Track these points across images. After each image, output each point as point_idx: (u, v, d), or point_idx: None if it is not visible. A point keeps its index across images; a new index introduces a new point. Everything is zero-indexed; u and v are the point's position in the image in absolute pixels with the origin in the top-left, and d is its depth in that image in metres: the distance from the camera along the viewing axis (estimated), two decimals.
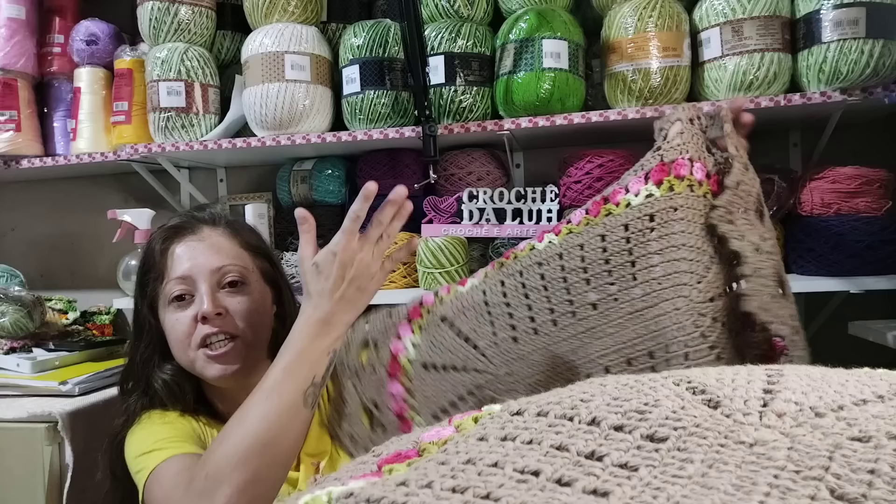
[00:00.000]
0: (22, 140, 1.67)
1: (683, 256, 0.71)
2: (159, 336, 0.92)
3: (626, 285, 0.75)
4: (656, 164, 0.76)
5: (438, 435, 0.41)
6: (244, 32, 1.51)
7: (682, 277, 0.71)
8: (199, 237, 0.94)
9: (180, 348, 0.90)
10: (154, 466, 0.81)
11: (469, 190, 1.43)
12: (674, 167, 0.75)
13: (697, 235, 0.73)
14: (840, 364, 0.46)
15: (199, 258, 0.91)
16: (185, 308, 0.89)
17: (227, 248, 0.94)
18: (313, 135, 1.44)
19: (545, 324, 0.80)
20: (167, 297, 0.90)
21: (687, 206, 0.73)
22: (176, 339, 0.90)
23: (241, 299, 0.91)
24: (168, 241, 0.93)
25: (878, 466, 0.30)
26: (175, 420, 0.90)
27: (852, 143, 1.43)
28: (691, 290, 0.70)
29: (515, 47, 1.35)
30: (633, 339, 0.73)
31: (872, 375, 0.42)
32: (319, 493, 0.33)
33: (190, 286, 0.89)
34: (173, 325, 0.90)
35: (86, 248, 1.93)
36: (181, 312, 0.89)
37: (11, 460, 1.10)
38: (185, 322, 0.88)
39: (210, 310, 0.87)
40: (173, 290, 0.89)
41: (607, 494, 0.29)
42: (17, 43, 1.65)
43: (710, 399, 0.38)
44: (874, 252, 1.22)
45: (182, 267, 0.90)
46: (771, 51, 1.25)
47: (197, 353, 0.88)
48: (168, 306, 0.90)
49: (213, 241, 0.94)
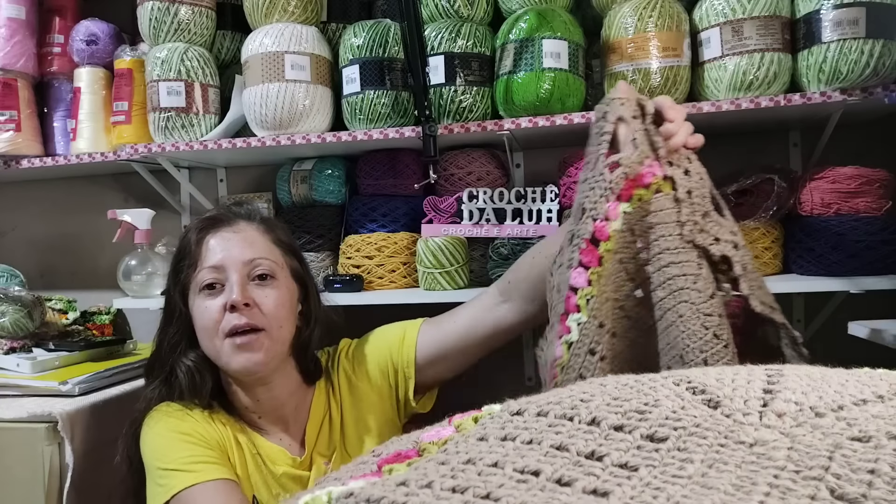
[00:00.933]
0: (22, 140, 1.67)
1: (672, 260, 0.71)
2: (188, 323, 0.96)
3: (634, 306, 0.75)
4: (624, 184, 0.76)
5: (438, 435, 0.41)
6: (244, 32, 1.51)
7: (678, 282, 0.71)
8: (234, 229, 0.97)
9: (207, 335, 0.93)
10: (179, 489, 0.84)
11: (469, 190, 1.43)
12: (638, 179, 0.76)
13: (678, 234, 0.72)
14: (840, 364, 0.46)
15: (233, 249, 0.95)
16: (215, 296, 0.93)
17: (259, 243, 0.98)
18: (313, 135, 1.44)
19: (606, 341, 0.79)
20: (199, 284, 0.94)
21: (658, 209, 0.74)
22: (203, 327, 0.93)
23: (269, 293, 0.95)
24: (204, 231, 0.97)
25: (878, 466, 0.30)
26: (192, 431, 0.91)
27: (852, 143, 1.43)
28: (691, 292, 0.70)
29: (515, 47, 1.35)
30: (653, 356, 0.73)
31: (872, 375, 0.42)
32: (319, 493, 0.33)
33: (221, 275, 0.93)
34: (202, 313, 0.93)
35: (86, 248, 1.93)
36: (211, 300, 0.93)
37: (11, 460, 1.10)
38: (214, 310, 0.92)
39: (239, 299, 0.90)
40: (205, 279, 0.93)
41: (607, 494, 0.29)
42: (17, 43, 1.65)
43: (710, 399, 0.38)
44: (874, 252, 1.22)
45: (215, 257, 0.94)
46: (771, 51, 1.25)
47: (223, 341, 0.91)
48: (199, 294, 0.94)
49: (247, 234, 0.98)
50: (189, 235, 0.98)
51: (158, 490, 0.86)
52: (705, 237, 0.75)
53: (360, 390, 1.05)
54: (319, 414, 1.04)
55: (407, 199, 1.52)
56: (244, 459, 0.95)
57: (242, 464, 0.95)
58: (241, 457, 0.95)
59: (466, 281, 1.40)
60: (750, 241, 1.32)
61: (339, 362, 1.08)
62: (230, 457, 0.93)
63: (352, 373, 1.07)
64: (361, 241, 1.46)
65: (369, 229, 1.49)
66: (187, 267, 0.95)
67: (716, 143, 1.52)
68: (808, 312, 1.47)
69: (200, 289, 0.93)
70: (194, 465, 0.86)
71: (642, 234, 0.75)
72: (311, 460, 1.00)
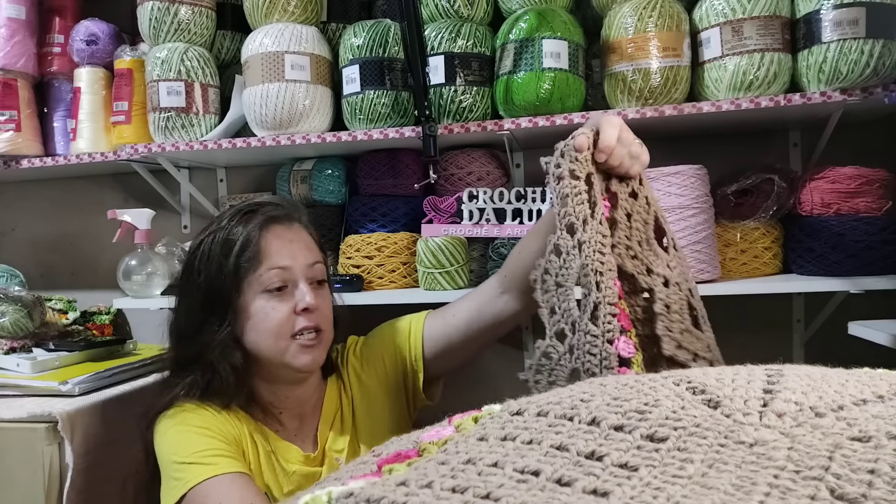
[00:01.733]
0: (22, 140, 1.67)
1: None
2: (236, 317, 0.94)
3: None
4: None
5: (438, 435, 0.41)
6: (244, 32, 1.51)
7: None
8: (293, 230, 0.98)
9: (272, 336, 0.93)
10: (195, 483, 0.83)
11: (469, 190, 1.43)
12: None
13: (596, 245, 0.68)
14: (840, 364, 0.46)
15: (298, 253, 0.96)
16: (282, 298, 0.93)
17: (313, 246, 1.00)
18: (313, 135, 1.44)
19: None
20: (265, 285, 0.93)
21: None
22: (269, 328, 0.93)
23: (325, 295, 0.98)
24: (265, 227, 0.96)
25: (878, 466, 0.30)
26: (210, 425, 0.91)
27: (852, 143, 1.43)
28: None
29: (515, 47, 1.35)
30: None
31: (872, 375, 0.42)
32: (319, 493, 0.33)
33: (289, 278, 0.94)
34: (268, 314, 0.93)
35: (86, 248, 1.93)
36: (276, 302, 0.93)
37: (11, 460, 1.10)
38: (284, 312, 0.93)
39: (314, 303, 0.93)
40: (273, 281, 0.93)
41: (607, 494, 0.29)
42: (17, 43, 1.65)
43: (710, 399, 0.38)
44: (874, 252, 1.22)
45: (283, 259, 0.94)
46: (771, 51, 1.25)
47: (290, 342, 0.93)
48: (262, 294, 0.93)
49: (303, 235, 0.99)
50: (248, 229, 0.95)
51: (174, 484, 0.86)
52: (636, 264, 0.73)
53: (370, 386, 1.07)
54: (332, 410, 1.05)
55: (407, 199, 1.52)
56: (258, 457, 0.96)
57: (256, 461, 0.95)
58: (255, 454, 0.95)
59: (466, 281, 1.40)
60: (750, 241, 1.32)
61: (347, 359, 1.10)
62: (245, 452, 0.93)
63: (360, 370, 1.08)
64: (361, 241, 1.46)
65: (369, 229, 1.49)
66: (246, 261, 0.93)
67: (716, 143, 1.53)
68: (808, 312, 1.47)
69: (266, 289, 0.93)
70: (211, 458, 0.86)
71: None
72: (323, 455, 1.01)
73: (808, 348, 1.49)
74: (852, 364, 0.45)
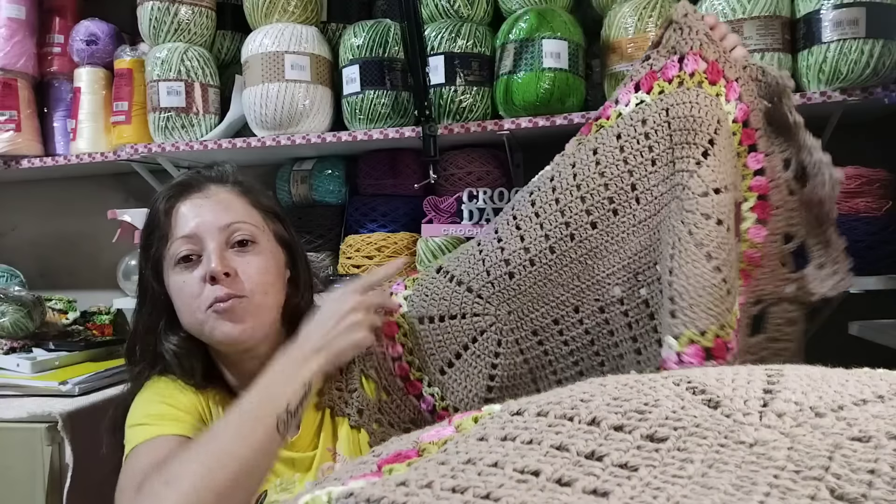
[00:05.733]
0: (22, 140, 1.67)
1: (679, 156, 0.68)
2: (164, 301, 0.87)
3: (625, 196, 0.72)
4: (646, 73, 0.73)
5: (438, 435, 0.41)
6: (244, 32, 1.51)
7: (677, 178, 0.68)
8: (206, 194, 0.88)
9: (188, 311, 0.85)
10: (137, 443, 0.78)
11: (469, 190, 1.43)
12: (663, 71, 0.73)
13: (689, 129, 0.68)
14: (840, 364, 0.46)
15: (206, 216, 0.85)
16: (192, 269, 0.84)
17: (236, 206, 0.88)
18: (313, 135, 1.44)
19: (541, 253, 0.78)
20: (173, 258, 0.84)
21: (677, 102, 0.70)
22: (183, 303, 0.85)
23: (250, 259, 0.86)
24: (173, 199, 0.87)
25: (878, 466, 0.30)
26: (170, 394, 0.86)
27: (852, 143, 1.43)
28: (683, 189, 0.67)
29: (515, 47, 1.35)
30: (638, 252, 0.71)
31: (872, 375, 0.42)
32: (319, 493, 0.33)
33: (197, 245, 0.84)
34: (180, 288, 0.85)
35: (86, 248, 1.93)
36: (188, 273, 0.84)
37: (11, 460, 1.10)
38: (193, 283, 0.83)
39: (219, 269, 0.82)
40: (179, 251, 0.84)
41: (607, 494, 0.29)
42: (17, 43, 1.65)
43: (710, 399, 0.38)
44: (874, 252, 1.22)
45: (188, 226, 0.85)
46: (771, 51, 1.25)
47: (206, 314, 0.83)
48: (174, 268, 0.85)
49: (220, 197, 0.88)
50: (157, 206, 0.88)
51: (126, 447, 0.81)
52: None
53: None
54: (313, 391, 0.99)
55: (407, 199, 1.52)
56: None
57: None
58: None
59: None
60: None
61: None
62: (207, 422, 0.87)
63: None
64: (361, 241, 1.46)
65: (369, 229, 1.49)
66: (157, 240, 0.86)
67: None
68: (809, 312, 1.47)
69: (175, 262, 0.84)
70: (157, 420, 0.81)
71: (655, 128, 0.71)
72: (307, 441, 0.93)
73: (808, 348, 1.48)
74: (852, 364, 0.45)
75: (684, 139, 0.69)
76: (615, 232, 0.73)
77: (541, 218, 0.78)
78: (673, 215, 0.67)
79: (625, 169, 0.72)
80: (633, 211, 0.72)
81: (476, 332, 0.83)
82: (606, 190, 0.73)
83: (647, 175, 0.71)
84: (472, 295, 0.82)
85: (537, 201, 0.79)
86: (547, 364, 0.81)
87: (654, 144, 0.71)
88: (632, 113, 0.72)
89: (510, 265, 0.80)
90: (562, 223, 0.76)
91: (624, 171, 0.72)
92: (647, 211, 0.71)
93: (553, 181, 0.78)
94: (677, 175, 0.69)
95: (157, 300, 0.88)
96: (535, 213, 0.79)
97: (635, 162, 0.71)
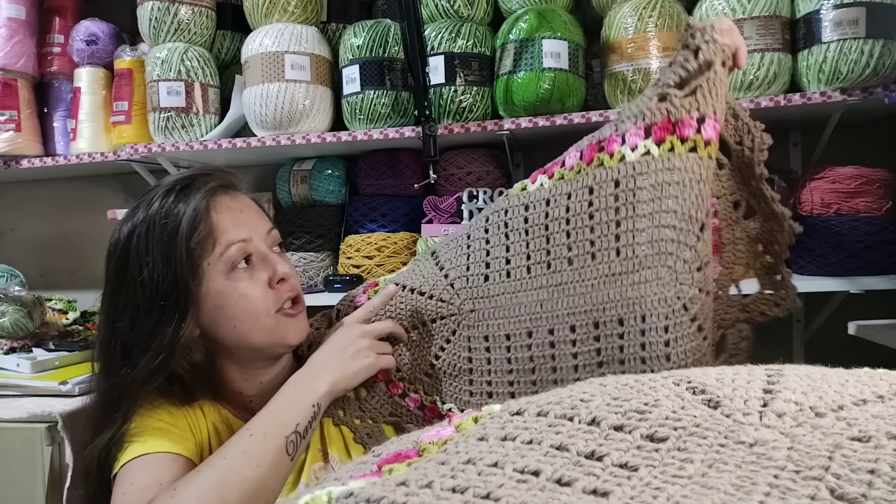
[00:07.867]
0: (22, 140, 1.67)
1: (673, 224, 0.67)
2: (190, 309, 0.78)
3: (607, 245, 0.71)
4: (661, 120, 0.69)
5: (438, 435, 0.41)
6: (244, 32, 1.51)
7: (669, 246, 0.67)
8: (239, 199, 0.85)
9: (252, 317, 0.80)
10: (126, 461, 0.75)
11: (469, 190, 1.43)
12: (679, 126, 0.69)
13: (692, 202, 0.67)
14: (840, 364, 0.46)
15: (252, 221, 0.83)
16: (252, 274, 0.81)
17: (261, 212, 0.89)
18: (313, 135, 1.44)
19: (519, 269, 0.78)
20: (227, 262, 0.79)
21: (686, 169, 0.68)
22: (248, 309, 0.80)
23: (286, 262, 0.86)
24: (211, 199, 0.81)
25: (878, 466, 0.30)
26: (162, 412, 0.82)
27: (852, 143, 1.43)
28: (676, 260, 0.67)
29: (515, 47, 1.35)
30: (605, 303, 0.71)
31: (872, 375, 0.42)
32: (319, 493, 0.33)
33: (252, 250, 0.81)
34: (243, 294, 0.79)
35: (86, 248, 1.93)
36: (249, 280, 0.80)
37: (11, 460, 1.10)
38: (259, 288, 0.80)
39: (289, 270, 0.82)
40: (237, 257, 0.79)
41: (607, 494, 0.29)
42: (17, 43, 1.65)
43: (710, 399, 0.38)
44: (874, 252, 1.22)
45: (241, 231, 0.81)
46: (771, 51, 1.25)
47: (275, 317, 0.81)
48: (231, 273, 0.79)
49: (250, 203, 0.87)
50: (191, 205, 0.79)
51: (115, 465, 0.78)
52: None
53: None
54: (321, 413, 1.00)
55: (407, 199, 1.52)
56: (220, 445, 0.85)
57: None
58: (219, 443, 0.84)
59: None
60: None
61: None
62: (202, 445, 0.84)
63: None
64: (361, 241, 1.46)
65: (369, 229, 1.49)
66: (198, 243, 0.78)
67: None
68: (808, 312, 1.47)
69: (232, 268, 0.79)
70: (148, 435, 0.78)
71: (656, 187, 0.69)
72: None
73: (808, 348, 1.49)
74: (852, 364, 0.45)
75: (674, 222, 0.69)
76: (588, 276, 0.73)
77: (529, 236, 0.79)
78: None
79: (614, 218, 0.72)
80: (611, 262, 0.71)
81: (436, 315, 0.85)
82: (591, 233, 0.73)
83: (635, 231, 0.71)
84: (446, 281, 0.85)
85: (530, 218, 0.79)
86: (486, 373, 0.83)
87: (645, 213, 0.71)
88: (635, 162, 0.71)
89: (489, 268, 0.81)
90: (544, 249, 0.77)
91: (612, 219, 0.72)
92: (625, 267, 0.70)
93: (549, 205, 0.78)
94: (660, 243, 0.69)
95: (178, 308, 0.78)
96: (525, 229, 0.79)
97: (626, 213, 0.72)
